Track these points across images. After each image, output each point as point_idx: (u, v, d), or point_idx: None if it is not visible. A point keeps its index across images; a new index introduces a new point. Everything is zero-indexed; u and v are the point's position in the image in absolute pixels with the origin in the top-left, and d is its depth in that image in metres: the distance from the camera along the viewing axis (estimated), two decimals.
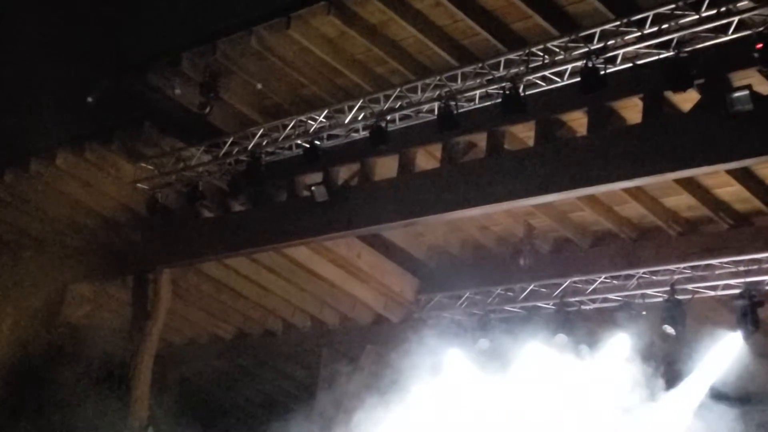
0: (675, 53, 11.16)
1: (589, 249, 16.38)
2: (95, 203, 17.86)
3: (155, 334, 17.66)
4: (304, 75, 14.66)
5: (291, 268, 18.34)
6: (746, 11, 10.62)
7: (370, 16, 13.25)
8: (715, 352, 15.78)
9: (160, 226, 17.16)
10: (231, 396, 22.39)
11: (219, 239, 16.61)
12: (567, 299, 16.37)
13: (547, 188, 12.97)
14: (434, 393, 17.37)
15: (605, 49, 11.56)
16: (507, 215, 16.20)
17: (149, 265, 17.71)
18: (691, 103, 12.16)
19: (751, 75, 11.34)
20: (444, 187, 13.89)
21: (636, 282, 15.72)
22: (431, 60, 13.58)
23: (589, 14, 12.07)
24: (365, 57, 14.02)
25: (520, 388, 17.06)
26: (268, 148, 14.81)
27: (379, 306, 18.64)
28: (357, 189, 15.16)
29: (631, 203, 15.09)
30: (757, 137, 11.13)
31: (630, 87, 12.28)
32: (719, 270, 14.94)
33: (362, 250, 17.54)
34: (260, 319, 20.52)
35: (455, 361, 17.57)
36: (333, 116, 14.10)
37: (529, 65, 12.18)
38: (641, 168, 12.14)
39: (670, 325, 15.08)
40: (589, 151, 12.66)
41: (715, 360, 15.84)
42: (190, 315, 20.57)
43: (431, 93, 13.09)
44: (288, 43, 14.08)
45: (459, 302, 17.61)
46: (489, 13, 12.68)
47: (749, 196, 14.25)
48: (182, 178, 16.02)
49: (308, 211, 15.17)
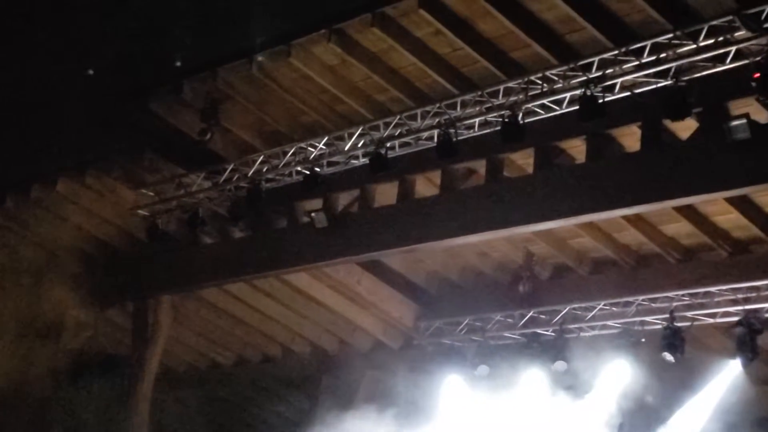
0: (673, 82, 11.21)
1: (588, 276, 16.39)
2: (95, 229, 17.88)
3: (155, 359, 17.67)
4: (304, 102, 14.72)
5: (291, 295, 18.35)
6: (744, 41, 10.68)
7: (371, 44, 13.32)
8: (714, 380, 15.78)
9: (161, 253, 17.19)
10: (230, 422, 22.33)
11: (219, 265, 16.63)
12: (566, 326, 16.36)
13: (547, 215, 13.00)
14: (433, 419, 17.36)
15: (604, 77, 11.61)
16: (506, 242, 16.23)
17: (149, 291, 17.73)
18: (689, 131, 12.23)
19: (749, 103, 11.38)
20: (443, 214, 13.93)
21: (635, 309, 15.71)
22: (431, 88, 13.65)
23: (587, 43, 12.14)
24: (365, 84, 14.09)
25: (519, 415, 17.04)
26: (268, 174, 14.84)
27: (378, 332, 18.63)
28: (357, 215, 15.18)
29: (630, 230, 15.12)
30: (755, 165, 11.16)
31: (628, 115, 12.33)
32: (718, 297, 14.95)
33: (362, 276, 17.55)
34: (260, 345, 20.50)
35: (454, 387, 17.54)
36: (333, 143, 14.15)
37: (528, 93, 12.23)
38: (640, 195, 12.18)
39: (669, 352, 15.06)
40: (588, 179, 12.70)
41: (715, 387, 15.84)
42: (189, 341, 20.56)
43: (431, 120, 13.13)
44: (288, 71, 14.15)
45: (458, 328, 17.60)
46: (488, 41, 12.76)
47: (748, 224, 14.28)
48: (182, 205, 16.05)
49: (308, 238, 15.20)
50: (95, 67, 14.77)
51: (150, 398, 17.59)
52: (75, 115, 15.13)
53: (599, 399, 16.63)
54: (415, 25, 12.85)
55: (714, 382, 15.84)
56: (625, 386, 16.17)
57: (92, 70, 14.75)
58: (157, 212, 16.32)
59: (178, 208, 16.16)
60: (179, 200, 16.02)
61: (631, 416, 16.55)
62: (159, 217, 16.29)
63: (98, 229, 17.89)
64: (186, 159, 16.11)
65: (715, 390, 15.84)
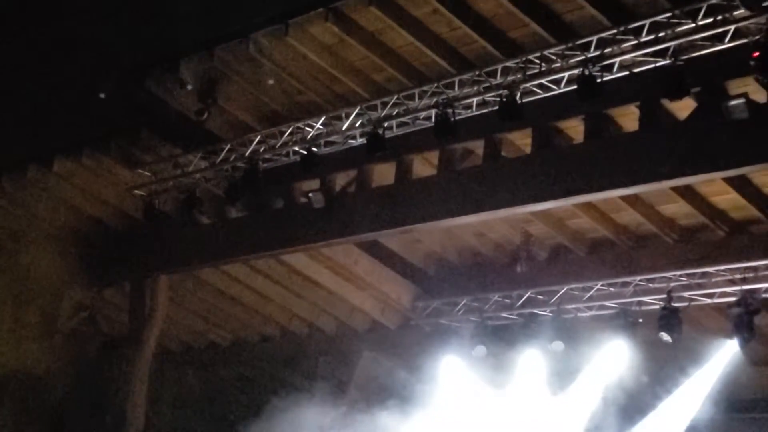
0: (671, 61, 11.18)
1: (585, 256, 16.39)
2: (92, 209, 17.84)
3: (152, 340, 17.66)
4: (301, 82, 14.67)
5: (288, 275, 18.35)
6: (742, 20, 10.64)
7: (368, 23, 13.27)
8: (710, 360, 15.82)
9: (157, 233, 17.17)
10: (227, 402, 22.36)
11: (216, 246, 16.61)
12: (564, 306, 16.39)
13: (544, 196, 12.98)
14: (430, 399, 17.39)
15: (602, 57, 11.58)
16: (504, 222, 16.23)
17: (146, 272, 17.71)
18: (687, 111, 12.19)
19: (748, 83, 11.36)
20: (441, 195, 13.91)
21: (633, 289, 15.73)
22: (429, 67, 13.60)
23: (585, 22, 12.09)
24: (363, 64, 14.04)
25: (517, 395, 17.09)
26: (266, 154, 14.81)
27: (376, 312, 18.65)
28: (354, 196, 15.16)
29: (628, 211, 15.12)
30: (753, 145, 11.14)
31: (627, 95, 12.29)
32: (716, 278, 14.97)
33: (359, 256, 17.55)
34: (257, 326, 20.52)
35: (452, 367, 17.57)
36: (330, 123, 14.12)
37: (526, 73, 12.20)
38: (638, 176, 12.16)
39: (666, 332, 15.09)
40: (586, 159, 12.68)
41: (711, 368, 15.87)
42: (186, 321, 20.57)
43: (428, 100, 13.10)
44: (286, 50, 14.08)
45: (456, 309, 17.62)
46: (486, 21, 12.70)
47: (746, 204, 14.27)
48: (179, 185, 16.03)
49: (305, 218, 15.19)
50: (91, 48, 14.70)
51: (147, 378, 17.58)
52: (72, 95, 15.09)
53: (595, 379, 16.67)
54: (413, 5, 12.77)
55: (711, 362, 15.87)
56: (621, 366, 16.20)
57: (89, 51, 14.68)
58: (154, 192, 16.30)
59: (175, 188, 16.15)
60: (176, 180, 16.00)
61: (627, 396, 16.59)
62: (156, 197, 16.26)
63: (95, 209, 17.85)
64: (183, 139, 16.07)
65: (711, 370, 15.87)
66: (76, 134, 16.26)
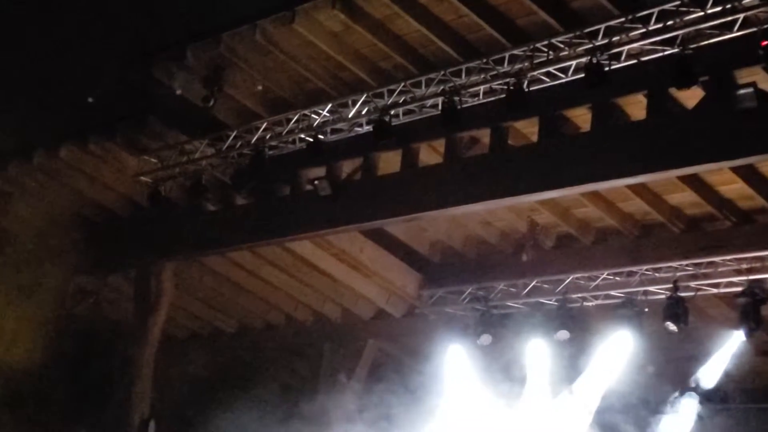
0: (680, 50, 11.14)
1: (592, 245, 16.37)
2: (98, 196, 17.88)
3: (157, 327, 17.70)
4: (308, 69, 14.65)
5: (293, 263, 18.36)
6: (751, 8, 10.60)
7: (375, 10, 13.24)
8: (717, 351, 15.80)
9: (163, 219, 17.17)
10: (232, 389, 22.40)
11: (222, 233, 16.61)
12: (569, 295, 16.37)
13: (551, 184, 12.96)
14: (435, 388, 17.39)
15: (610, 45, 11.53)
16: (510, 211, 16.20)
17: (152, 259, 17.74)
18: (695, 100, 12.13)
19: (756, 72, 11.33)
20: (447, 183, 13.89)
21: (638, 279, 15.70)
22: (435, 55, 13.57)
23: (593, 10, 12.05)
24: (369, 51, 14.01)
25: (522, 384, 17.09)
26: (272, 141, 14.79)
27: (381, 301, 18.66)
28: (360, 183, 15.14)
29: (635, 200, 15.09)
30: (761, 135, 11.10)
31: (634, 83, 12.25)
32: (722, 267, 14.93)
33: (365, 244, 17.55)
34: (262, 313, 20.55)
35: (457, 356, 17.57)
36: (337, 110, 14.09)
37: (533, 61, 12.16)
38: (645, 165, 12.12)
39: (672, 322, 15.07)
40: (593, 148, 12.64)
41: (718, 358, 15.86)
42: (192, 308, 20.61)
43: (435, 88, 13.07)
44: (292, 37, 14.07)
45: (461, 298, 17.59)
46: (494, 8, 12.67)
47: (753, 194, 14.24)
48: (185, 172, 16.01)
49: (311, 206, 15.17)
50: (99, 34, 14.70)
51: (152, 364, 17.62)
52: (79, 82, 15.09)
53: (601, 369, 16.66)
54: None
55: (717, 352, 15.85)
56: (627, 356, 16.18)
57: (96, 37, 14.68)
58: (160, 179, 16.28)
59: (181, 175, 16.12)
60: (182, 167, 15.98)
61: (633, 387, 16.57)
62: (162, 184, 16.24)
63: (101, 196, 17.89)
64: (189, 126, 16.06)
65: (718, 360, 15.86)
66: (83, 121, 16.27)
